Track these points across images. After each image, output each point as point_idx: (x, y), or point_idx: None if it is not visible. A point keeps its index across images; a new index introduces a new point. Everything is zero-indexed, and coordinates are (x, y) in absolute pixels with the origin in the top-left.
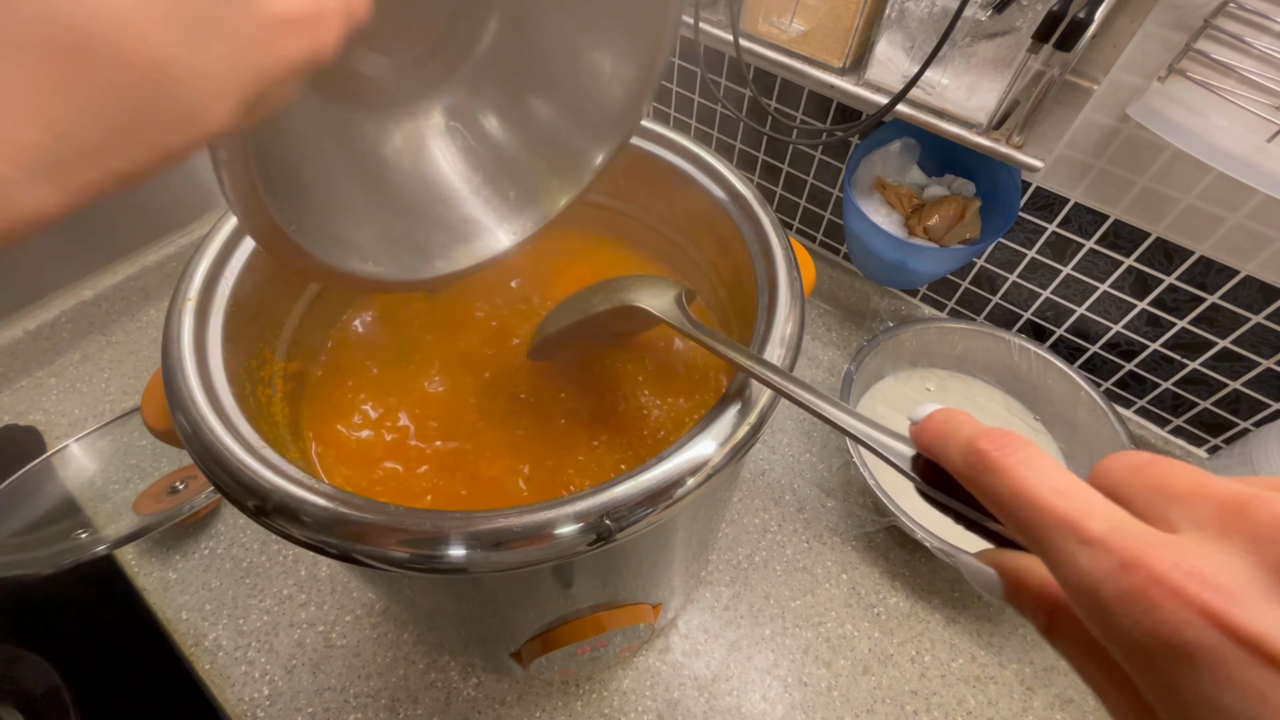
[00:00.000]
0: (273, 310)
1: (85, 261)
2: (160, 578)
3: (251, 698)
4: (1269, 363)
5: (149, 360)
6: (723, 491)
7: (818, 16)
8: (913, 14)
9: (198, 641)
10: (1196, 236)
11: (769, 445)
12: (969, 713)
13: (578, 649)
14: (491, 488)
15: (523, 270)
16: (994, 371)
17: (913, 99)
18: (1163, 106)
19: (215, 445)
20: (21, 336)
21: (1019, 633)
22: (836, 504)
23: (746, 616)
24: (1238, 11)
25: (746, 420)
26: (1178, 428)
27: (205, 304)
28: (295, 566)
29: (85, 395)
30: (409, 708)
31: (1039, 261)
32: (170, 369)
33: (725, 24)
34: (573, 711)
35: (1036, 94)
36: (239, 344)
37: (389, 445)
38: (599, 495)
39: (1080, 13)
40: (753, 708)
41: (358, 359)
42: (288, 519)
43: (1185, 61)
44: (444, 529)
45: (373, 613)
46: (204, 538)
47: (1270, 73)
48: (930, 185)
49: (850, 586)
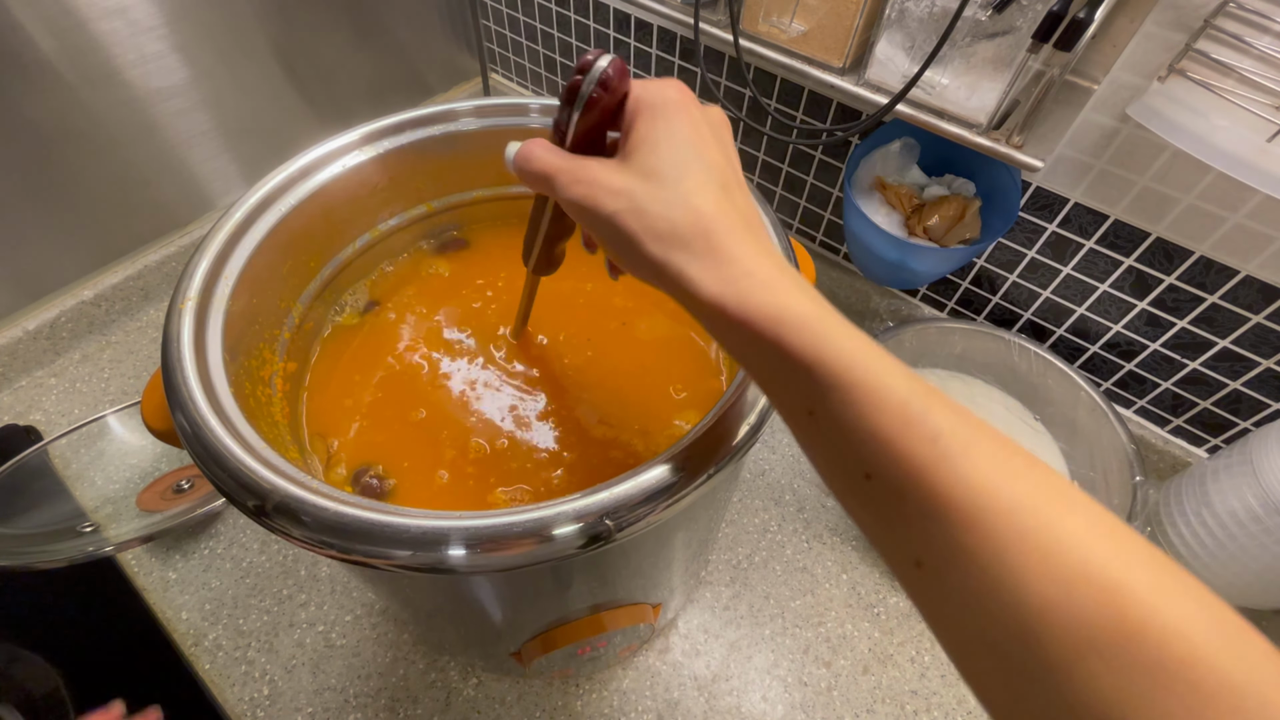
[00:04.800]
0: (273, 310)
1: (85, 261)
2: (160, 578)
3: (251, 698)
4: (1269, 363)
5: (149, 360)
6: (723, 491)
7: (818, 16)
8: (913, 14)
9: (198, 641)
10: (1196, 236)
11: (769, 445)
12: (969, 713)
13: (578, 649)
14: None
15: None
16: (994, 371)
17: (913, 99)
18: (1163, 106)
19: (215, 445)
20: (21, 336)
21: None
22: (836, 504)
23: (746, 616)
24: (1238, 11)
25: (746, 420)
26: (1178, 428)
27: (205, 304)
28: (295, 566)
29: (85, 395)
30: (409, 708)
31: (1039, 261)
32: (170, 369)
33: (725, 24)
34: (573, 711)
35: (1036, 94)
36: (239, 344)
37: (392, 443)
38: (599, 495)
39: (1080, 13)
40: (753, 708)
41: (357, 358)
42: (288, 519)
43: (1185, 61)
44: (444, 529)
45: (373, 613)
46: (204, 538)
47: (1270, 73)
48: (930, 185)
49: (850, 586)
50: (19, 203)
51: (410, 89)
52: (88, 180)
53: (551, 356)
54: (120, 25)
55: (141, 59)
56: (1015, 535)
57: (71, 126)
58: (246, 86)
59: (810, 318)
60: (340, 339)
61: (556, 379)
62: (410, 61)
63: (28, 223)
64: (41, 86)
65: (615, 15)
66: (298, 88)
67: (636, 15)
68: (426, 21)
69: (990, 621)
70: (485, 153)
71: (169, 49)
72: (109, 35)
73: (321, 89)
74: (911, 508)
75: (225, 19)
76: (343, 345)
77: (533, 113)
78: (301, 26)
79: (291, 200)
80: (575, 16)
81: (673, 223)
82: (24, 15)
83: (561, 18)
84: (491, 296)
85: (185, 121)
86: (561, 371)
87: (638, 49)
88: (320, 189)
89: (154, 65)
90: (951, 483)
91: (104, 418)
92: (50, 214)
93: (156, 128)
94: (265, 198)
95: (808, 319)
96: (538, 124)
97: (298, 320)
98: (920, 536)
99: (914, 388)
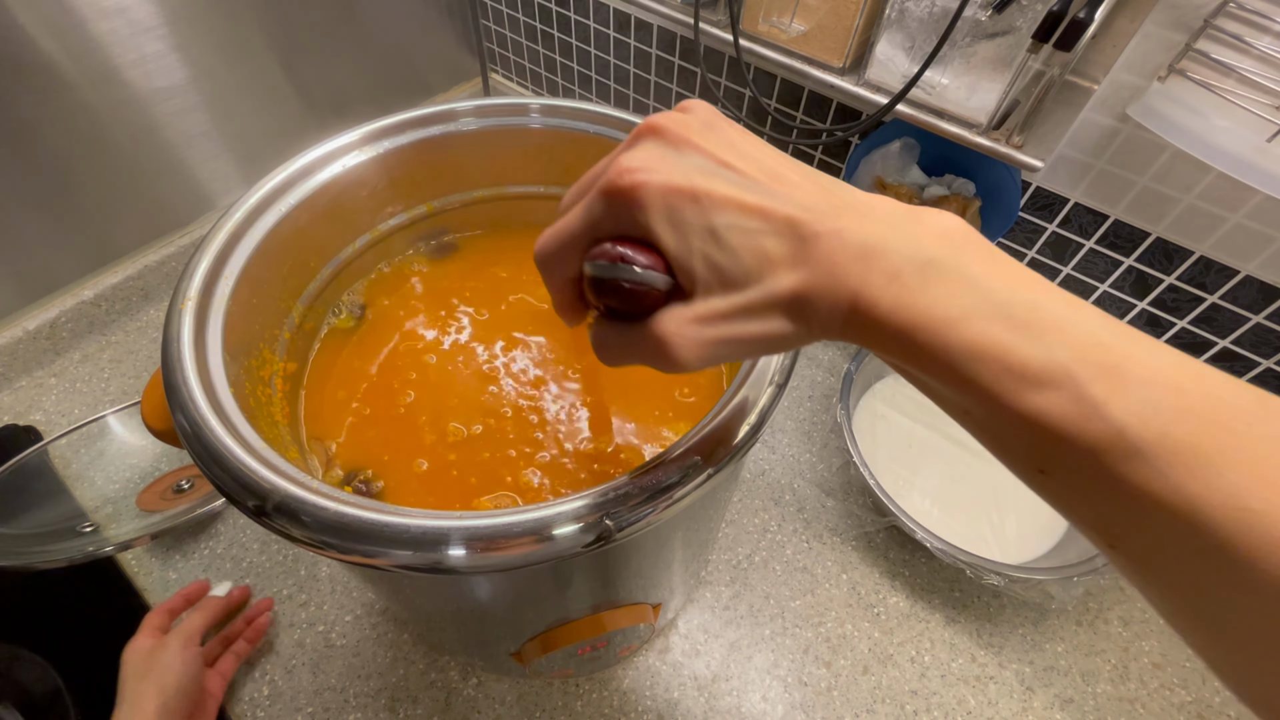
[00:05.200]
0: (272, 310)
1: (85, 261)
2: (160, 578)
3: (251, 698)
4: (1269, 363)
5: (149, 360)
6: (723, 491)
7: (818, 16)
8: (913, 14)
9: None
10: (1196, 236)
11: (769, 445)
12: (969, 713)
13: (578, 649)
14: (498, 475)
15: (523, 268)
16: None
17: (913, 99)
18: (1163, 106)
19: (215, 445)
20: (21, 336)
21: (1019, 633)
22: (836, 504)
23: (746, 616)
24: (1238, 11)
25: (746, 420)
26: None
27: (205, 304)
28: (295, 566)
29: (85, 395)
30: (409, 708)
31: (1039, 261)
32: (170, 369)
33: (725, 24)
34: (573, 711)
35: (1036, 94)
36: (239, 344)
37: (394, 439)
38: (599, 495)
39: (1080, 13)
40: (753, 708)
41: (357, 358)
42: (288, 519)
43: (1185, 61)
44: (444, 529)
45: (373, 613)
46: (204, 538)
47: (1270, 73)
48: (930, 185)
49: (850, 586)
50: (19, 203)
51: (410, 89)
52: (88, 180)
53: (553, 359)
54: (120, 25)
55: (141, 59)
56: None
57: (71, 126)
58: (246, 86)
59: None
60: (339, 339)
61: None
62: (410, 61)
63: (28, 223)
64: (41, 87)
65: (615, 15)
66: (298, 88)
67: (636, 15)
68: (426, 21)
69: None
70: (485, 153)
71: (169, 49)
72: (109, 35)
73: (321, 89)
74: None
75: (225, 19)
76: (341, 346)
77: (533, 113)
78: (301, 26)
79: (291, 200)
80: (575, 16)
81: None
82: (24, 16)
83: (561, 18)
84: (492, 297)
85: (185, 121)
86: (565, 375)
87: (638, 49)
88: (320, 189)
89: (154, 65)
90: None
91: (104, 418)
92: (50, 214)
93: (156, 128)
94: (265, 198)
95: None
96: (538, 124)
97: (298, 320)
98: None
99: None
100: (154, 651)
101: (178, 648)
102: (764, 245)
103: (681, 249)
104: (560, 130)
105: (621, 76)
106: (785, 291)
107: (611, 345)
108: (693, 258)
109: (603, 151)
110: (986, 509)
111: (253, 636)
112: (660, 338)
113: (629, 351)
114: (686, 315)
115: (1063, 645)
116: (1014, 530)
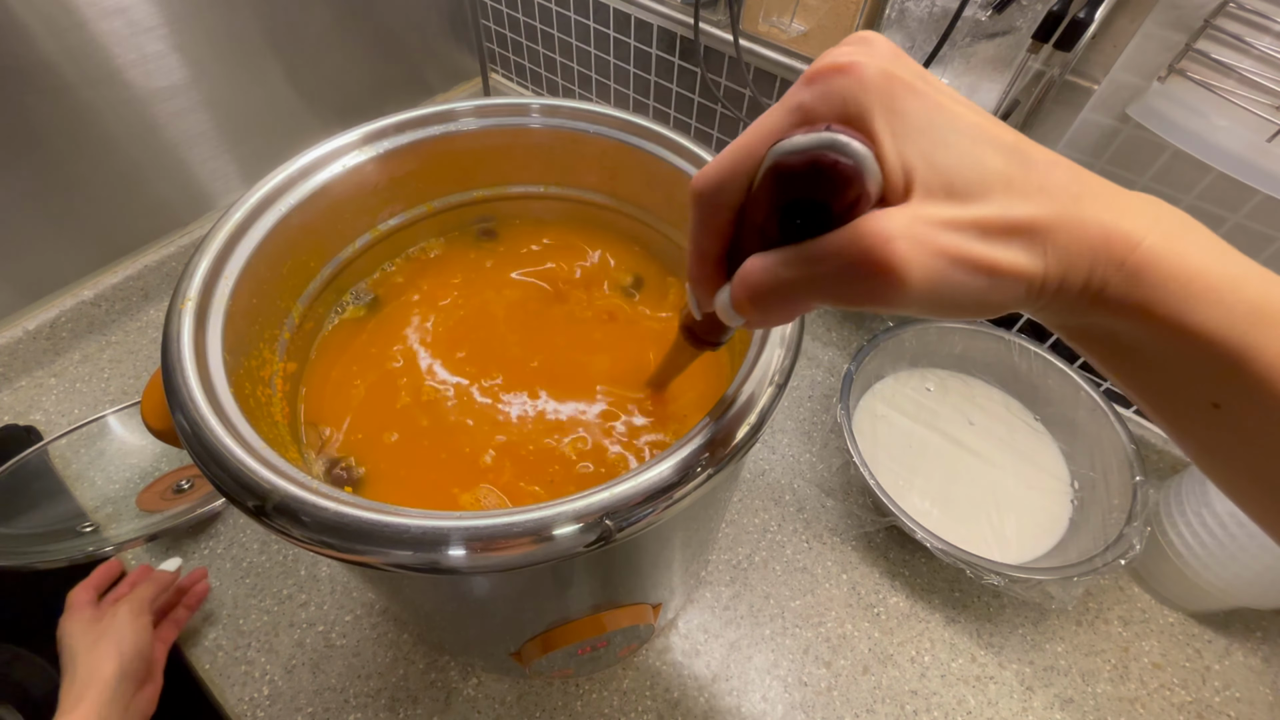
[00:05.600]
0: (272, 310)
1: (85, 261)
2: None
3: (251, 698)
4: None
5: (149, 360)
6: (723, 491)
7: (818, 16)
8: (913, 14)
9: (198, 642)
10: None
11: (769, 445)
12: (969, 713)
13: (578, 649)
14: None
15: (518, 269)
16: (994, 371)
17: None
18: (1163, 106)
19: (215, 445)
20: (21, 336)
21: (1019, 633)
22: (836, 504)
23: (746, 616)
24: (1238, 11)
25: (746, 420)
26: None
27: (205, 304)
28: (295, 566)
29: (85, 395)
30: (409, 708)
31: None
32: (170, 369)
33: (725, 24)
34: (573, 711)
35: (1036, 94)
36: (239, 344)
37: (375, 438)
38: (599, 495)
39: (1080, 13)
40: (753, 708)
41: (354, 359)
42: (288, 519)
43: (1185, 61)
44: (444, 529)
45: (373, 613)
46: (204, 538)
47: (1270, 73)
48: None
49: (850, 586)
50: (19, 203)
51: (410, 89)
52: (88, 180)
53: (557, 358)
54: (120, 25)
55: (141, 59)
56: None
57: (71, 126)
58: (246, 86)
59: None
60: (338, 339)
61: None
62: (410, 61)
63: (28, 223)
64: (42, 87)
65: (615, 15)
66: (298, 88)
67: (636, 15)
68: (426, 21)
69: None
70: (485, 153)
71: (169, 49)
72: (109, 35)
73: (321, 89)
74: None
75: (225, 19)
76: (340, 346)
77: (533, 113)
78: (301, 26)
79: (291, 200)
80: (575, 16)
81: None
82: (24, 15)
83: (561, 18)
84: (491, 296)
85: (185, 121)
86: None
87: (638, 49)
88: (320, 189)
89: (154, 65)
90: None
91: (104, 418)
92: (50, 214)
93: (156, 128)
94: (265, 198)
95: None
96: (538, 124)
97: (298, 320)
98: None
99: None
100: (100, 621)
101: (129, 615)
102: (992, 161)
103: (900, 142)
104: (560, 130)
105: (621, 76)
106: (1023, 217)
107: (783, 278)
108: (913, 154)
109: (603, 151)
110: (986, 509)
111: (192, 603)
112: (882, 237)
113: (817, 281)
114: (914, 214)
115: (1063, 645)
116: (1014, 530)
